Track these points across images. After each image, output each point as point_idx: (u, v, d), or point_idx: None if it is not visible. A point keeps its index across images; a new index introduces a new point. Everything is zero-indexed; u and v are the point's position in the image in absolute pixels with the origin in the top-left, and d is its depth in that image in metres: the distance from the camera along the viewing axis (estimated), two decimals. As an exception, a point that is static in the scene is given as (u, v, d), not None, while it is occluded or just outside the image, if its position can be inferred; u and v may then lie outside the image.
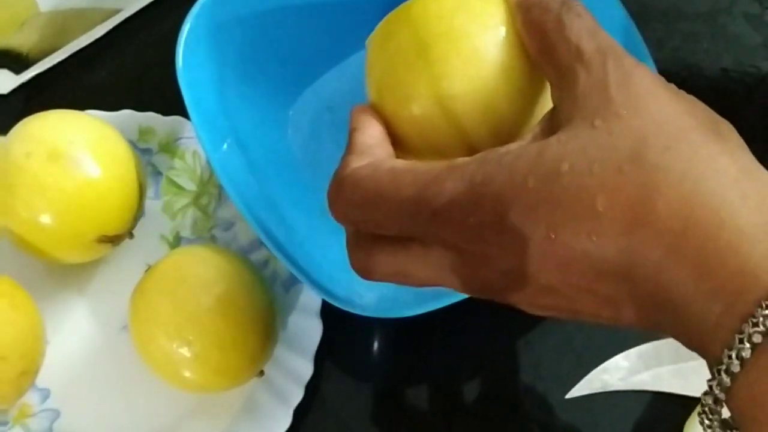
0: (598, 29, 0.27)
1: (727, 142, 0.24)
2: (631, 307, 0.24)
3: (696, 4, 0.54)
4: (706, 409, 0.23)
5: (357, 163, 0.29)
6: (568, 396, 0.44)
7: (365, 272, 0.29)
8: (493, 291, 0.27)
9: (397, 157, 0.30)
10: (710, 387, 0.23)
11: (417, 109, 0.29)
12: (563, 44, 0.27)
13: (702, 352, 0.24)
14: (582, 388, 0.44)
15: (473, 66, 0.28)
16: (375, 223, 0.28)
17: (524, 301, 0.26)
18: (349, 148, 0.30)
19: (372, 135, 0.30)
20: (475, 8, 0.29)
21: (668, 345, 0.43)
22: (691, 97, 0.26)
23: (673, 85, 0.26)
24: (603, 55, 0.26)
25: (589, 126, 0.25)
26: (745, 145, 0.25)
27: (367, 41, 0.33)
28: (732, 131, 0.25)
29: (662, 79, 0.26)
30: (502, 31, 0.28)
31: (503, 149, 0.26)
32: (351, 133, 0.31)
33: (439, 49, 0.28)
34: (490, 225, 0.25)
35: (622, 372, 0.43)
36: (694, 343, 0.24)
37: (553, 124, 0.26)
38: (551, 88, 0.28)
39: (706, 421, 0.23)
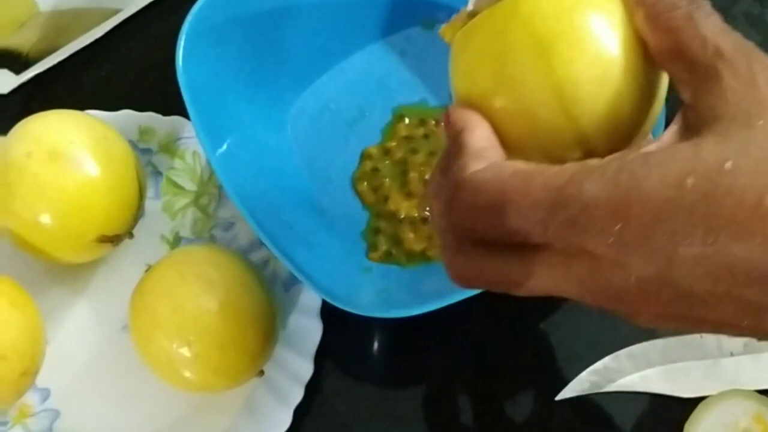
0: (730, 29, 0.26)
1: None
2: None
3: (696, 4, 0.54)
4: None
5: (474, 166, 0.27)
6: (558, 398, 0.44)
7: (467, 280, 0.28)
8: (624, 302, 0.25)
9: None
10: None
11: (537, 110, 0.28)
12: (698, 42, 0.26)
13: None
14: (571, 389, 0.44)
15: (598, 68, 0.27)
16: (499, 230, 0.26)
17: (655, 311, 0.25)
18: (459, 150, 0.28)
19: (483, 136, 0.28)
20: (593, 5, 0.28)
21: (657, 346, 0.43)
22: None
23: None
24: (746, 55, 0.25)
25: (746, 126, 0.24)
26: None
27: (446, 31, 0.31)
28: None
29: None
30: (624, 29, 0.28)
31: (644, 150, 0.25)
32: (458, 134, 0.29)
33: (562, 50, 0.27)
34: (637, 229, 0.24)
35: (611, 373, 0.43)
36: None
37: (690, 124, 0.26)
38: (680, 87, 0.27)
39: None
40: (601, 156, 0.26)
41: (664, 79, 0.29)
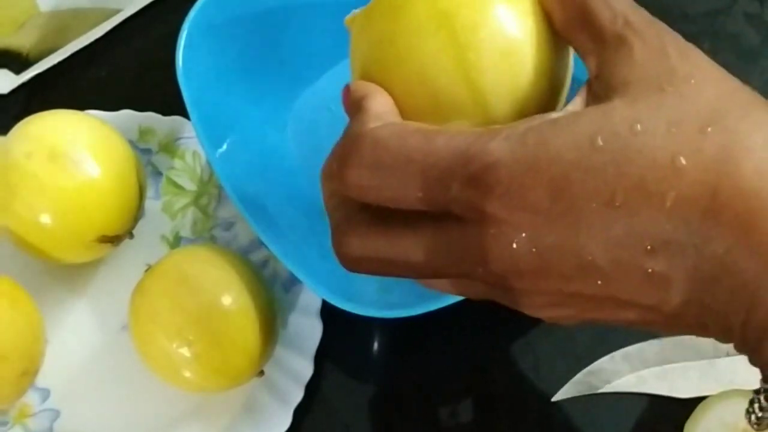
0: (636, 5, 0.26)
1: None
2: (683, 288, 0.23)
3: (696, 4, 0.54)
4: (756, 406, 0.23)
5: (374, 124, 0.26)
6: (554, 399, 0.44)
7: (357, 262, 0.26)
8: (521, 275, 0.24)
9: None
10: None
11: (438, 81, 0.27)
12: (607, 13, 0.25)
13: (754, 344, 0.23)
14: (568, 390, 0.44)
15: (502, 39, 0.27)
16: (394, 190, 0.25)
17: (552, 287, 0.24)
18: (357, 113, 0.27)
19: (383, 103, 0.27)
20: None
21: (653, 347, 0.43)
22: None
23: None
24: (656, 27, 0.25)
25: (658, 90, 0.24)
26: None
27: (349, 19, 0.31)
28: None
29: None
30: (530, 2, 0.27)
31: (551, 115, 0.24)
32: (359, 100, 0.27)
33: (465, 18, 0.27)
34: (543, 190, 0.23)
35: (608, 374, 0.43)
36: (743, 334, 0.23)
37: (597, 94, 0.25)
38: (586, 58, 0.26)
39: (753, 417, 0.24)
40: None
41: (570, 57, 0.29)
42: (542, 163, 0.23)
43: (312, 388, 0.44)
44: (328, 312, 0.44)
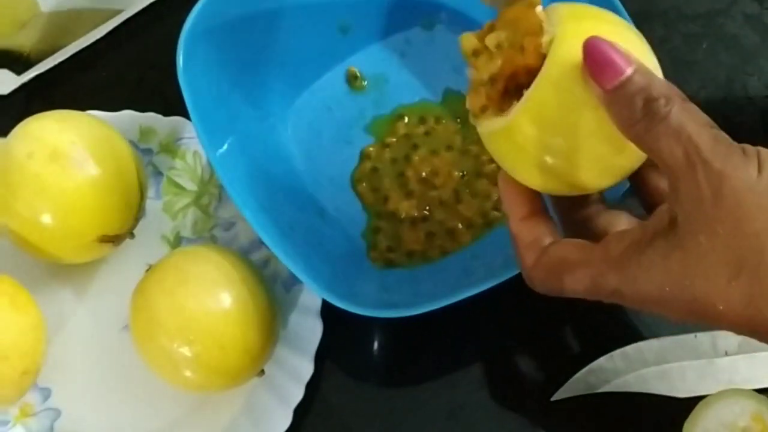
0: (683, 128, 0.28)
1: None
2: None
3: (696, 5, 0.54)
4: None
5: (528, 260, 0.34)
6: (553, 398, 0.44)
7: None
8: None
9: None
10: None
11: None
12: (655, 154, 0.29)
13: None
14: (567, 390, 0.44)
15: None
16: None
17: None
18: (513, 242, 0.35)
19: (528, 231, 0.35)
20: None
21: (651, 346, 0.43)
22: None
23: (764, 174, 0.28)
24: (692, 166, 0.28)
25: (696, 242, 0.29)
26: None
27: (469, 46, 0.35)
28: None
29: (751, 169, 0.28)
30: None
31: (640, 257, 0.30)
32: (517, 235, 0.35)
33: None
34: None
35: (607, 374, 0.43)
36: None
37: (671, 217, 0.30)
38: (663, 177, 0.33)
39: None
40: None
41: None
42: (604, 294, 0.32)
43: (312, 387, 0.44)
44: (328, 312, 0.44)
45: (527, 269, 0.34)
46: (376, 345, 0.47)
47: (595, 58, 0.29)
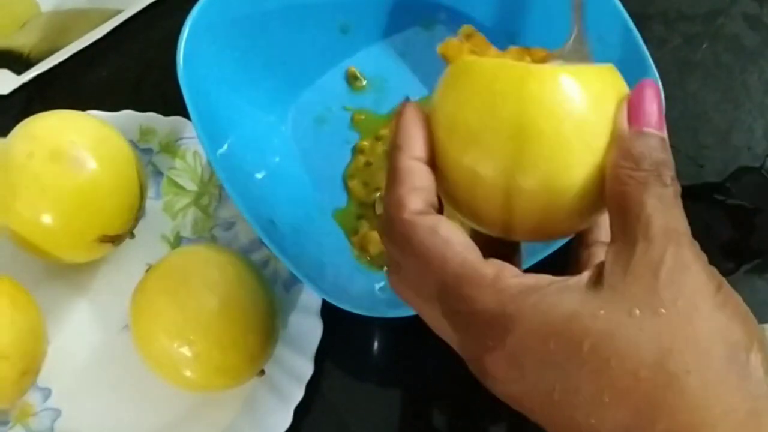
0: (673, 205, 0.27)
1: (749, 376, 0.24)
2: None
3: (696, 5, 0.54)
4: None
5: (412, 204, 0.28)
6: None
7: (397, 294, 0.30)
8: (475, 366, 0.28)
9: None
10: None
11: (482, 176, 0.28)
12: (637, 208, 0.27)
13: None
14: None
15: (558, 179, 0.27)
16: (407, 272, 0.29)
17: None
18: (399, 152, 0.29)
19: (422, 175, 0.29)
20: (587, 121, 0.27)
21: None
22: (735, 308, 0.26)
23: (723, 289, 0.26)
24: (667, 239, 0.26)
25: (626, 312, 0.25)
26: None
27: (452, 70, 0.30)
28: (759, 355, 0.25)
29: (714, 278, 0.26)
30: (598, 157, 0.28)
31: (547, 288, 0.26)
32: (409, 137, 0.29)
33: (535, 146, 0.27)
34: (494, 350, 0.27)
35: None
36: None
37: (599, 277, 0.26)
38: (611, 234, 0.28)
39: None
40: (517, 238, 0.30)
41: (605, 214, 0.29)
42: (504, 333, 0.26)
43: (312, 387, 0.44)
44: (328, 312, 0.44)
45: (399, 211, 0.28)
46: (376, 345, 0.47)
47: (647, 99, 0.28)
